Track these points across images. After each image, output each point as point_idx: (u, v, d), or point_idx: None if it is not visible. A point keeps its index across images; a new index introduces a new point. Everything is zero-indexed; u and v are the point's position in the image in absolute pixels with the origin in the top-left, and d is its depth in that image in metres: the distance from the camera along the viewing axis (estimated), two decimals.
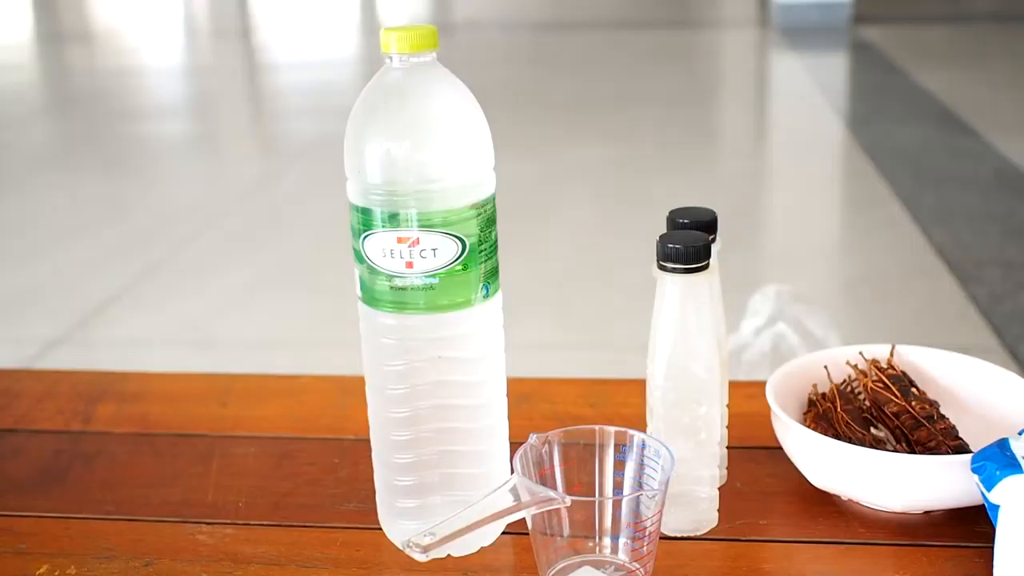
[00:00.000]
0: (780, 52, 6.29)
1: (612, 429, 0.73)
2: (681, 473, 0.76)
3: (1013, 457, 0.71)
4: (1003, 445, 0.72)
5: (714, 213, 0.78)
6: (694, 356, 0.74)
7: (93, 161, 4.45)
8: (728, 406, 0.83)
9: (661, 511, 0.70)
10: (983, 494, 0.71)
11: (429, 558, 0.64)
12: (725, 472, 0.83)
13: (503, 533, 0.77)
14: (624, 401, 0.96)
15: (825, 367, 0.87)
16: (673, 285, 0.73)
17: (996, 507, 0.70)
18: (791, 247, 3.30)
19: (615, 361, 2.34)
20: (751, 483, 0.83)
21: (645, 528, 0.69)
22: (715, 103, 5.35)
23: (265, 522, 0.80)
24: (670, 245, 0.72)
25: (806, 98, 5.12)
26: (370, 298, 0.73)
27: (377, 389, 0.75)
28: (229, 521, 0.80)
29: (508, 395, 0.79)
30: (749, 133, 4.92)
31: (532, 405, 0.96)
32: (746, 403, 0.89)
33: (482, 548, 0.76)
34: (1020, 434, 0.73)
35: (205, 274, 3.13)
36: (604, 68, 5.90)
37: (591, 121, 4.75)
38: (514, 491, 0.67)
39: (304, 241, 3.35)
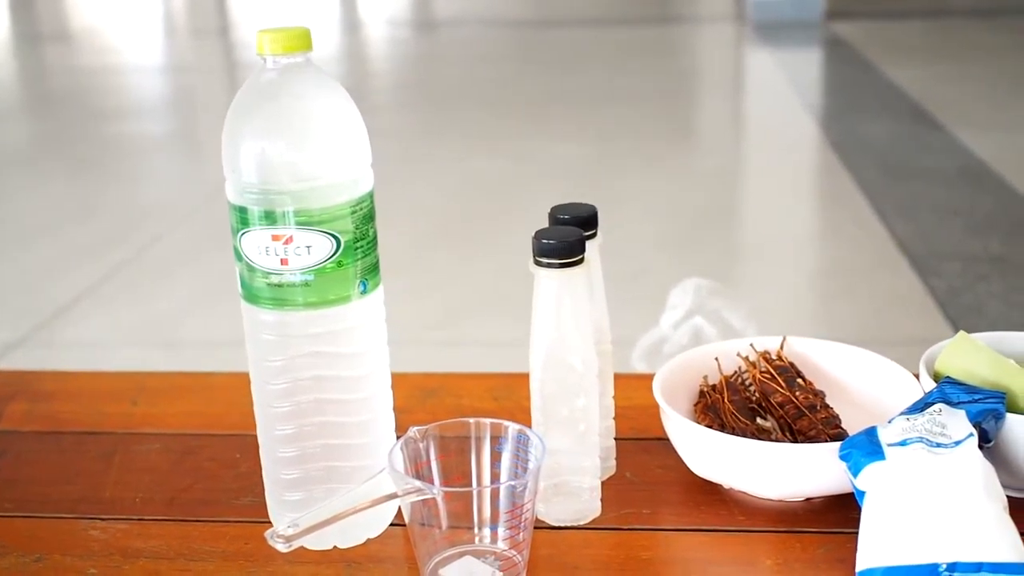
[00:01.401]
0: (754, 48, 6.31)
1: (488, 421, 0.74)
2: (562, 464, 0.77)
3: (879, 445, 0.72)
4: (871, 433, 0.74)
5: (594, 208, 0.79)
6: (570, 349, 0.75)
7: (65, 160, 4.45)
8: (615, 398, 0.84)
9: (534, 498, 0.71)
10: (851, 481, 0.72)
11: (291, 549, 0.65)
12: (613, 463, 0.84)
13: (391, 525, 0.79)
14: (528, 394, 0.97)
15: (716, 358, 0.88)
16: (548, 280, 0.74)
17: (863, 493, 0.71)
18: (758, 241, 3.32)
19: None
20: (640, 473, 0.85)
21: (521, 515, 0.70)
22: (688, 99, 5.36)
23: (159, 517, 0.81)
24: (544, 241, 0.73)
25: (778, 94, 5.14)
26: (250, 295, 0.74)
27: (260, 384, 0.76)
28: (124, 517, 0.81)
29: (415, 390, 0.80)
30: (721, 129, 4.93)
31: (438, 400, 0.97)
32: (643, 395, 0.90)
33: (369, 540, 0.77)
34: (890, 422, 0.75)
35: (171, 275, 3.13)
36: (580, 65, 5.91)
37: (565, 117, 4.76)
38: (383, 483, 0.69)
39: None
